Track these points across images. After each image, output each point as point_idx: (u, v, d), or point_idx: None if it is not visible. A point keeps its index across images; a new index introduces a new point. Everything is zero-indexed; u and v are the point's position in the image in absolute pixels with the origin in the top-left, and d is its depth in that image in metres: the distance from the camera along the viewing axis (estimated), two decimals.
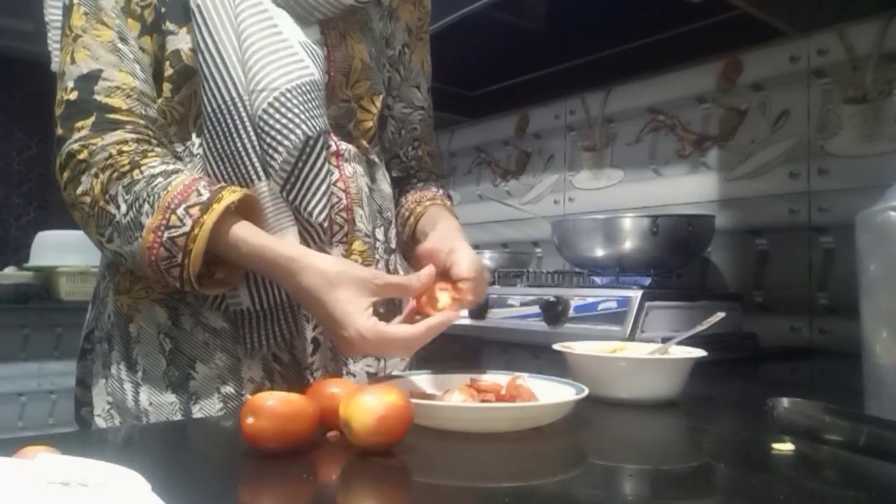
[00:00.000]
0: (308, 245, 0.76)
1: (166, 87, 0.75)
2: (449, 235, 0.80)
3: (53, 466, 0.37)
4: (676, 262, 1.42)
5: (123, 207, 0.69)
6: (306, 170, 0.74)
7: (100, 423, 0.79)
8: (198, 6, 0.72)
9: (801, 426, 0.57)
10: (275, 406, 0.53)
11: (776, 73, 1.49)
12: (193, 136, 0.77)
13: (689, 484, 0.52)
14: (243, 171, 0.73)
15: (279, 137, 0.72)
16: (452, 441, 0.60)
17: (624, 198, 1.80)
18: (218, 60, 0.72)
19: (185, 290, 0.71)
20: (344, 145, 0.82)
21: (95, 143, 0.70)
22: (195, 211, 0.68)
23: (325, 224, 0.76)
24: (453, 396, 0.68)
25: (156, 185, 0.69)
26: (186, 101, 0.76)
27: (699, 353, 0.79)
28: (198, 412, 0.75)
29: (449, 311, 0.70)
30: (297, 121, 0.73)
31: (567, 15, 1.67)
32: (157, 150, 0.73)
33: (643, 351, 0.83)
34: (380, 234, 0.86)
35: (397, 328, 0.67)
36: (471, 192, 2.31)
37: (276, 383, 0.77)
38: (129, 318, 0.77)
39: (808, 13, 1.38)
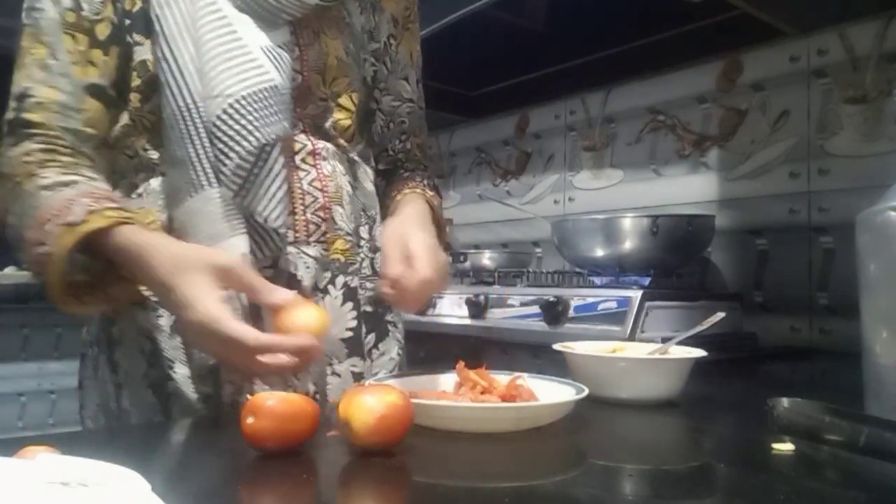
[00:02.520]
0: (261, 251, 0.74)
1: (134, 97, 0.76)
2: (402, 231, 0.77)
3: (53, 466, 0.37)
4: (676, 262, 1.42)
5: (15, 220, 0.70)
6: (262, 176, 0.73)
7: (89, 424, 0.80)
8: (157, 17, 0.73)
9: (801, 426, 0.58)
10: (275, 406, 0.53)
11: (776, 73, 1.49)
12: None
13: (689, 484, 0.52)
14: (194, 178, 0.73)
15: (231, 144, 0.71)
16: (452, 441, 0.60)
17: (624, 198, 1.80)
18: (174, 68, 0.72)
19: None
20: (322, 143, 0.81)
21: (5, 155, 0.72)
22: (60, 230, 0.66)
23: (282, 230, 0.75)
24: (453, 396, 0.68)
25: (39, 198, 0.69)
26: (157, 109, 0.76)
27: (699, 353, 0.79)
28: (176, 413, 0.74)
29: (303, 337, 0.65)
30: (250, 128, 0.72)
31: (567, 15, 1.67)
32: (65, 159, 0.73)
33: (643, 351, 0.83)
34: (364, 232, 0.85)
35: (236, 326, 0.63)
36: (471, 192, 2.31)
37: (256, 384, 0.75)
38: (112, 320, 0.78)
39: (808, 13, 1.38)
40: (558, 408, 0.63)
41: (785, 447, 0.55)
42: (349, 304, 0.80)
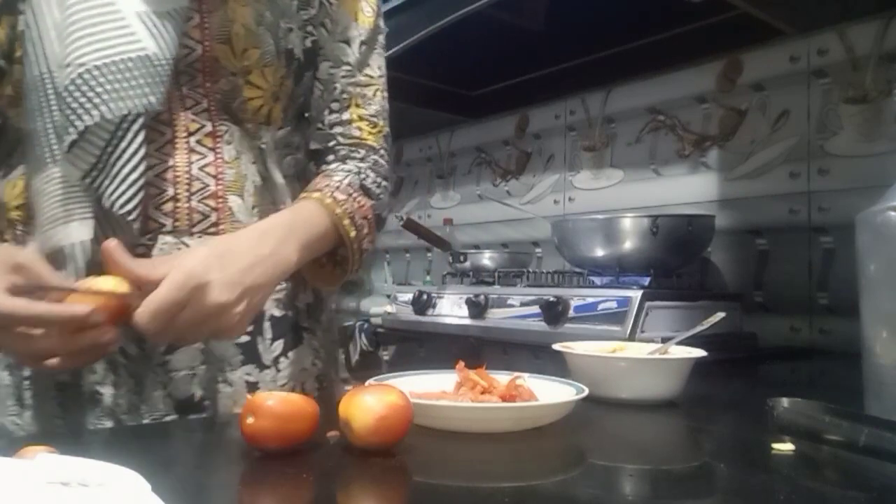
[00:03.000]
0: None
1: (17, 69, 0.71)
2: (192, 251, 0.68)
3: (53, 466, 0.37)
4: (676, 262, 1.42)
5: None
6: (115, 156, 0.67)
7: None
8: None
9: (801, 426, 0.58)
10: (275, 406, 0.53)
11: (776, 73, 1.49)
12: None
13: (689, 484, 0.52)
14: (39, 153, 0.68)
15: (73, 118, 0.66)
16: (452, 441, 0.60)
17: (624, 198, 1.80)
18: (35, 34, 0.68)
19: None
20: (225, 126, 0.75)
21: None
22: None
23: (134, 215, 0.68)
24: (453, 396, 0.68)
25: None
26: None
27: (699, 353, 0.79)
28: (30, 399, 0.71)
29: (69, 307, 0.58)
30: (97, 101, 0.66)
31: (567, 15, 1.67)
32: None
33: (643, 351, 0.83)
34: None
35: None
36: (471, 192, 2.31)
37: (121, 377, 0.72)
38: None
39: (808, 13, 1.38)
40: (558, 408, 0.63)
41: (785, 447, 0.55)
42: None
